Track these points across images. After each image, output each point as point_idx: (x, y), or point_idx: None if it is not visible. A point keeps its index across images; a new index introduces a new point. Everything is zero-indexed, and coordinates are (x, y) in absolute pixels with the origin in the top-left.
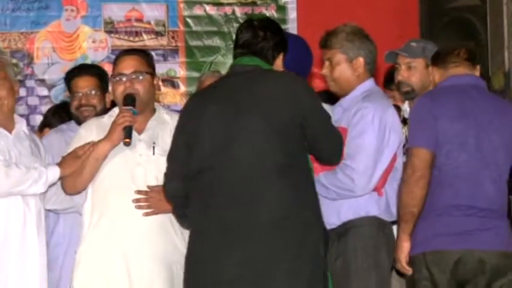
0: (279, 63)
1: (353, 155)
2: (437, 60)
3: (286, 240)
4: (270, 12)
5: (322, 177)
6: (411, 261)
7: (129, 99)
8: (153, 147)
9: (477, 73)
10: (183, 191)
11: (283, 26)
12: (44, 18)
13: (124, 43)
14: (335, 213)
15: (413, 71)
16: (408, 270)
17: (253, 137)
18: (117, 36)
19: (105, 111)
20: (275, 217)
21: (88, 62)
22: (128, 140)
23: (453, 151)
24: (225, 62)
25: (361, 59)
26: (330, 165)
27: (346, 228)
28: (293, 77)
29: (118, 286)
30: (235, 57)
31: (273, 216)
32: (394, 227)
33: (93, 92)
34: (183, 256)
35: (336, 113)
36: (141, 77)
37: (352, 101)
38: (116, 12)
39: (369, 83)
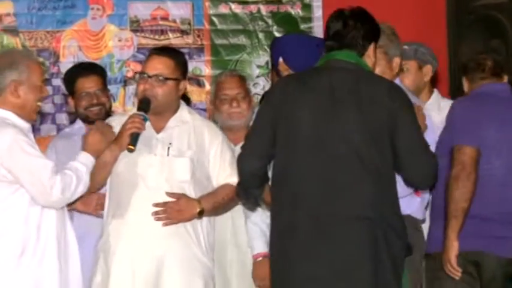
0: (370, 53)
1: None
2: (466, 72)
3: (372, 240)
4: (296, 10)
5: None
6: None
7: (144, 104)
8: (168, 148)
9: (505, 81)
10: (261, 170)
11: (308, 25)
12: (70, 17)
13: (150, 41)
14: None
15: (406, 74)
16: (458, 271)
17: (350, 134)
18: (142, 34)
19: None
20: (363, 216)
21: (114, 60)
22: (131, 146)
23: (491, 156)
24: (250, 60)
25: (397, 59)
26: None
27: None
28: (395, 87)
29: (123, 286)
30: (326, 49)
31: (360, 215)
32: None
33: (101, 91)
34: (196, 257)
35: None
36: (163, 81)
37: None
38: (142, 10)
39: (397, 82)
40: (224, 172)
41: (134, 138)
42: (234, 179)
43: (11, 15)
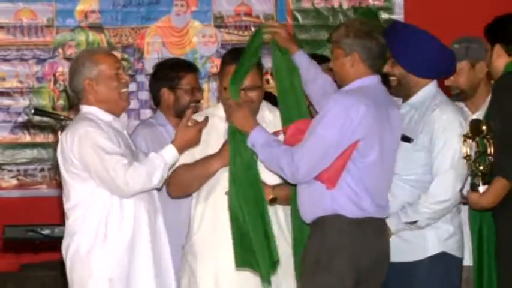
0: None
1: (302, 142)
2: None
3: None
4: (377, 3)
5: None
6: None
7: None
8: None
9: None
10: None
11: (389, 16)
12: (154, 13)
13: (233, 37)
14: (307, 209)
15: (460, 74)
16: None
17: None
18: (226, 30)
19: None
20: None
21: (197, 56)
22: None
23: None
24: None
25: (355, 54)
26: None
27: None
28: None
29: None
30: None
31: None
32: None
33: (200, 88)
34: (288, 253)
35: None
36: (256, 90)
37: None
38: (225, 6)
39: (367, 80)
40: None
41: None
42: None
43: (96, 12)
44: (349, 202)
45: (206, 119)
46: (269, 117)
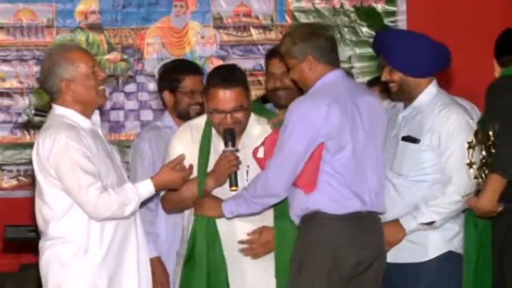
0: None
1: (273, 157)
2: None
3: None
4: (380, 4)
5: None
6: None
7: (229, 136)
8: (247, 172)
9: None
10: None
11: (392, 19)
12: (153, 14)
13: (232, 38)
14: (293, 210)
15: None
16: None
17: None
18: (225, 32)
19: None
20: None
21: (197, 57)
22: (235, 188)
23: None
24: None
25: (309, 57)
26: None
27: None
28: None
29: None
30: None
31: None
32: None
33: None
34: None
35: None
36: (241, 110)
37: None
38: (225, 7)
39: (329, 77)
40: None
41: (234, 178)
42: None
43: (96, 12)
44: (329, 200)
45: (191, 167)
46: (256, 131)
